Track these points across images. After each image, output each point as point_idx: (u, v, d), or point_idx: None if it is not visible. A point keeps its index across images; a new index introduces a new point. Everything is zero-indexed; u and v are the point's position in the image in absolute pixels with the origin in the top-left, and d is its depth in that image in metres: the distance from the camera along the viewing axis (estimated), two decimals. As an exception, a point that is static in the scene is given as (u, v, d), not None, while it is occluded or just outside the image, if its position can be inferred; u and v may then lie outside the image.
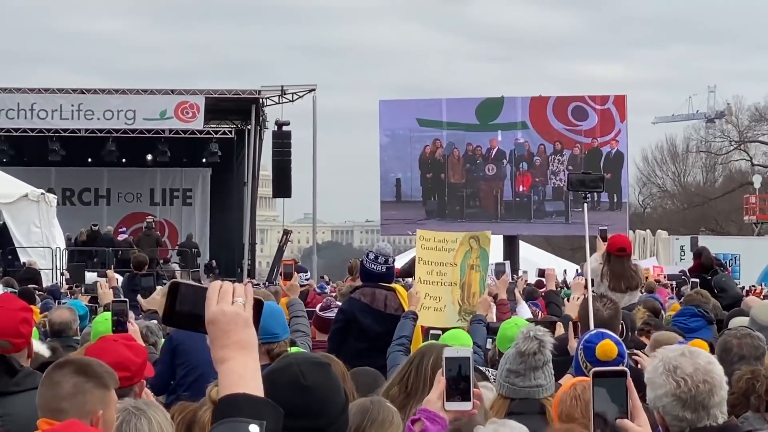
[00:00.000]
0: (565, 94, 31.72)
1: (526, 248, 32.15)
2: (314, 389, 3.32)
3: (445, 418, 3.73)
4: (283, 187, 37.80)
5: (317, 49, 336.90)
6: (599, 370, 3.34)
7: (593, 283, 9.58)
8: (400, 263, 15.91)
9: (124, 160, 37.08)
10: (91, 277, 22.96)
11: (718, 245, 28.06)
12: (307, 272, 19.32)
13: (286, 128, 36.80)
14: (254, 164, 37.60)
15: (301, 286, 10.88)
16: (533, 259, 28.94)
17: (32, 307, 7.47)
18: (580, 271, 18.13)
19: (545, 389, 5.19)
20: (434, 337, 7.79)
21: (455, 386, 3.74)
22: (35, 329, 6.61)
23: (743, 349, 5.99)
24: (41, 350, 6.47)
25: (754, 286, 25.48)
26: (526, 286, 15.32)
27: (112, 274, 12.06)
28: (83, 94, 34.93)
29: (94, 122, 34.32)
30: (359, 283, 9.66)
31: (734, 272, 27.85)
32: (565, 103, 29.33)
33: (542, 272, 14.00)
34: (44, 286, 20.34)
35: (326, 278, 32.58)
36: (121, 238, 32.96)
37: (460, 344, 6.97)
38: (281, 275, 8.82)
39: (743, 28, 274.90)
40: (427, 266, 9.45)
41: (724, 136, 70.15)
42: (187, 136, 35.07)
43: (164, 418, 4.23)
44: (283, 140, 36.78)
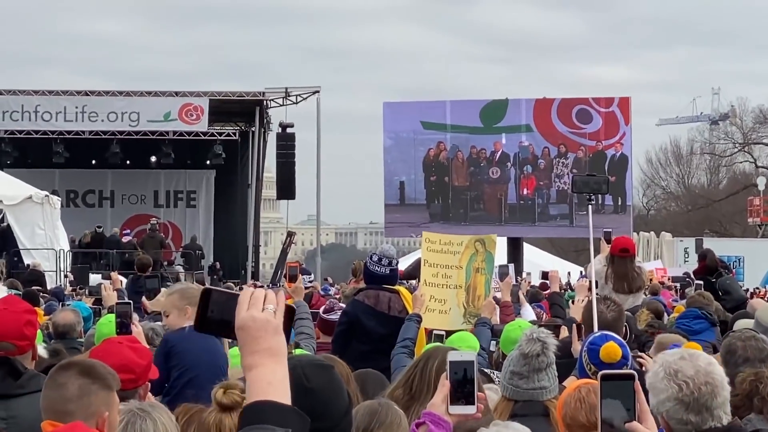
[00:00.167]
0: (567, 96, 31.66)
1: (530, 250, 32.10)
2: (317, 391, 3.32)
3: (449, 421, 3.73)
4: (286, 189, 37.78)
5: (319, 50, 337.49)
6: (607, 373, 3.34)
7: (597, 285, 9.57)
8: (403, 265, 15.90)
9: (128, 162, 37.12)
10: (95, 279, 23.00)
11: (722, 247, 28.00)
12: (311, 274, 19.29)
13: (290, 130, 36.78)
14: (258, 166, 37.63)
15: (305, 288, 10.90)
16: (537, 261, 28.93)
17: (36, 309, 7.48)
18: (584, 273, 18.13)
19: (549, 391, 5.19)
20: (438, 337, 7.77)
21: (459, 390, 3.74)
22: (39, 331, 6.61)
23: (748, 351, 5.98)
24: (41, 352, 6.47)
25: (758, 288, 25.46)
26: (529, 288, 15.32)
27: (116, 276, 12.07)
28: (87, 96, 34.95)
29: (98, 124, 34.37)
30: (363, 285, 9.65)
31: (738, 274, 27.79)
32: (569, 105, 29.25)
33: (546, 274, 13.97)
34: (48, 288, 20.35)
35: (330, 280, 32.61)
36: (125, 239, 33.04)
37: (467, 346, 6.97)
38: (286, 277, 8.80)
39: (747, 29, 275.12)
40: (432, 268, 9.44)
41: (728, 138, 70.10)
42: (191, 138, 35.11)
43: (169, 419, 4.22)
44: (287, 142, 36.75)
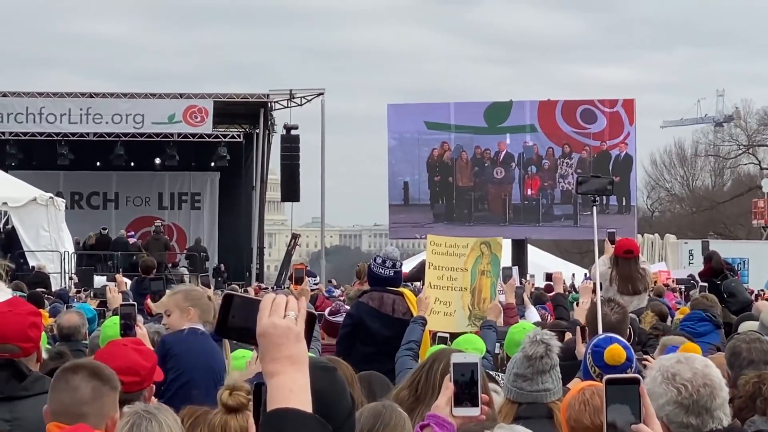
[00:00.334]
0: (570, 97, 31.69)
1: (534, 252, 32.10)
2: (320, 393, 3.31)
3: (453, 423, 3.73)
4: (291, 190, 37.77)
5: (320, 51, 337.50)
6: (612, 377, 3.34)
7: (602, 287, 9.57)
8: (407, 267, 15.90)
9: (132, 163, 37.12)
10: (100, 281, 23.04)
11: (726, 249, 27.94)
12: (316, 276, 19.31)
13: (294, 132, 36.77)
14: (263, 168, 37.64)
15: (310, 290, 10.91)
16: (541, 263, 28.90)
17: (41, 311, 7.49)
18: (588, 275, 18.13)
19: (553, 393, 5.19)
20: (442, 340, 7.78)
21: (463, 392, 3.74)
22: (44, 333, 6.61)
23: (752, 353, 5.98)
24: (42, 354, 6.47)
25: (762, 290, 25.42)
26: (534, 290, 15.30)
27: (121, 278, 12.04)
28: (92, 98, 34.97)
29: (102, 126, 34.38)
30: (367, 287, 9.66)
31: (742, 276, 27.75)
32: (573, 106, 29.25)
33: (549, 276, 13.98)
34: (53, 290, 20.36)
35: (334, 282, 32.59)
36: (129, 241, 33.04)
37: (473, 348, 6.98)
38: (291, 279, 8.81)
39: (747, 30, 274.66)
40: (437, 271, 9.45)
41: (732, 140, 70.06)
42: (195, 140, 35.11)
43: (174, 421, 4.23)
44: (291, 144, 36.73)
